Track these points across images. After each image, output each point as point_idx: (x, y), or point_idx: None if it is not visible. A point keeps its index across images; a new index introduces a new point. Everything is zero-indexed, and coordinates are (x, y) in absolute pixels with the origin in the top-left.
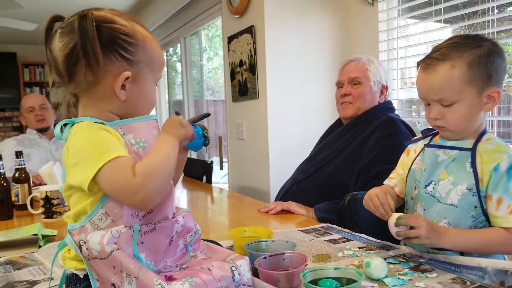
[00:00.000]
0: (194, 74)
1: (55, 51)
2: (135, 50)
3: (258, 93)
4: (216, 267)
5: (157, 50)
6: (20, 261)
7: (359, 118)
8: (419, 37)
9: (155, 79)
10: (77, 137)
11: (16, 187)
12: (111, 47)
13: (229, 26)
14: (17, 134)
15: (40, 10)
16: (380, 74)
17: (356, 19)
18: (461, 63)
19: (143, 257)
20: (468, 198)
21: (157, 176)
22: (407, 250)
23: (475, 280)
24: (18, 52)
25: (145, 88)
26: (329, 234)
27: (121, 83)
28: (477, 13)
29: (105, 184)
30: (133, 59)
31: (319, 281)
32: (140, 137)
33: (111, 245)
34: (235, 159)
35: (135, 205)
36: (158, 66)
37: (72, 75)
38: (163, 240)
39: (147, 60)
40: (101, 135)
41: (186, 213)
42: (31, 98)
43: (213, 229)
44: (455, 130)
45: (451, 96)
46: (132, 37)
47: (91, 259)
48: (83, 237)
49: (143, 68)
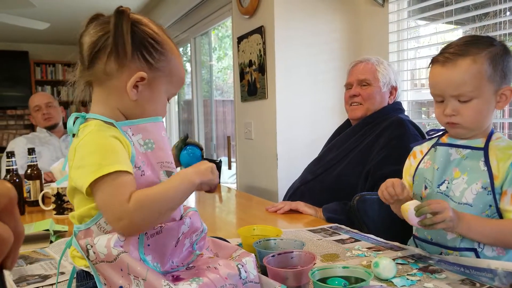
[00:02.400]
0: (203, 74)
1: (85, 38)
2: (159, 57)
3: (267, 93)
4: (222, 265)
5: (180, 67)
6: (32, 256)
7: (368, 119)
8: (430, 38)
9: (168, 92)
10: (86, 140)
11: (28, 183)
12: (138, 46)
13: (239, 26)
14: (28, 132)
15: (53, 9)
16: (389, 75)
17: (366, 20)
18: (482, 58)
19: (149, 260)
20: (483, 197)
21: (150, 210)
22: (416, 251)
23: (484, 282)
24: (30, 51)
25: (157, 96)
26: (337, 234)
27: (135, 81)
28: (489, 15)
29: (98, 197)
30: (154, 64)
31: (327, 279)
32: (149, 138)
33: (117, 248)
34: (244, 159)
35: (117, 229)
36: (176, 81)
37: (93, 62)
38: (170, 242)
39: (167, 71)
40: (109, 143)
41: (193, 213)
42: (37, 97)
43: (221, 227)
44: (470, 126)
45: (471, 92)
46: (160, 45)
47: (98, 262)
48: (89, 241)
49: (160, 77)
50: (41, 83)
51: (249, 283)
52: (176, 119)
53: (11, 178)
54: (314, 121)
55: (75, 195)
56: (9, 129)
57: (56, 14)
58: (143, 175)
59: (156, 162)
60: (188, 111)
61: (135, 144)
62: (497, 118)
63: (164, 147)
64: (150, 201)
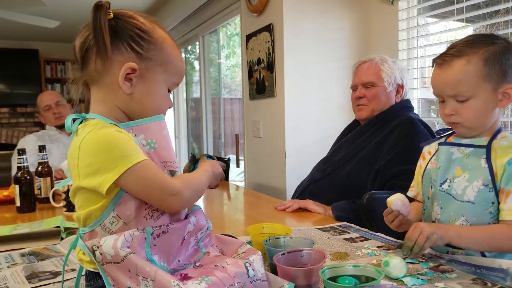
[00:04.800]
0: (211, 72)
1: (76, 40)
2: (148, 46)
3: (275, 91)
4: (230, 264)
5: (176, 55)
6: (43, 253)
7: (376, 118)
8: (440, 36)
9: (167, 82)
10: (91, 137)
11: (38, 180)
12: (122, 38)
13: (248, 24)
14: (38, 129)
15: (63, 7)
16: (394, 73)
17: (376, 17)
18: (476, 58)
19: (156, 259)
20: (484, 194)
21: (194, 189)
22: (426, 251)
23: (496, 281)
24: (40, 49)
25: (154, 88)
26: (346, 232)
27: (125, 72)
28: (500, 12)
29: (133, 187)
30: (143, 54)
31: (337, 278)
32: (151, 137)
33: (125, 249)
34: (252, 157)
35: (168, 204)
36: (173, 70)
37: (84, 62)
38: (176, 241)
39: (160, 60)
40: (120, 137)
41: (197, 211)
42: (46, 96)
43: (229, 225)
44: (470, 125)
45: (467, 91)
46: (147, 34)
47: (105, 263)
48: (95, 242)
49: (154, 66)
50: (51, 81)
51: (256, 281)
52: (184, 117)
53: (22, 175)
54: (323, 119)
55: (77, 195)
56: (19, 127)
57: (66, 12)
58: None
59: (159, 162)
60: (196, 109)
61: (138, 144)
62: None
63: (166, 146)
64: (193, 182)
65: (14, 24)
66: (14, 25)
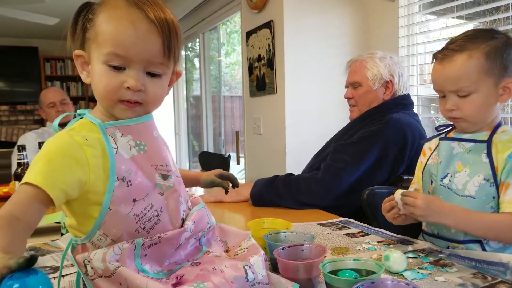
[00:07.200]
0: (211, 70)
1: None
2: (90, 26)
3: (276, 88)
4: (228, 267)
5: (108, 19)
6: (43, 248)
7: (365, 115)
8: (440, 33)
9: (100, 58)
10: (48, 140)
11: None
12: (85, 30)
13: (248, 21)
14: (38, 127)
15: (62, 4)
16: (380, 70)
17: (376, 14)
18: (478, 53)
19: (147, 269)
20: (485, 188)
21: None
22: (426, 245)
23: (496, 275)
24: (39, 47)
25: (93, 69)
26: (347, 228)
27: (77, 63)
28: (500, 9)
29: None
30: (86, 36)
31: (338, 272)
32: (140, 139)
33: (113, 262)
34: (252, 154)
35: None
36: (101, 40)
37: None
38: (168, 250)
39: (93, 35)
40: (52, 152)
41: (198, 212)
42: (51, 93)
43: (229, 221)
44: (471, 120)
45: (468, 86)
46: (93, 11)
47: (98, 277)
48: (86, 256)
49: (90, 46)
50: (51, 78)
51: (257, 285)
52: (184, 115)
53: (22, 171)
54: (323, 116)
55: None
56: (19, 124)
57: (66, 9)
58: (130, 185)
59: (150, 165)
60: (196, 107)
61: (121, 148)
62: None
63: (157, 148)
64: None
65: (13, 22)
66: (13, 23)
